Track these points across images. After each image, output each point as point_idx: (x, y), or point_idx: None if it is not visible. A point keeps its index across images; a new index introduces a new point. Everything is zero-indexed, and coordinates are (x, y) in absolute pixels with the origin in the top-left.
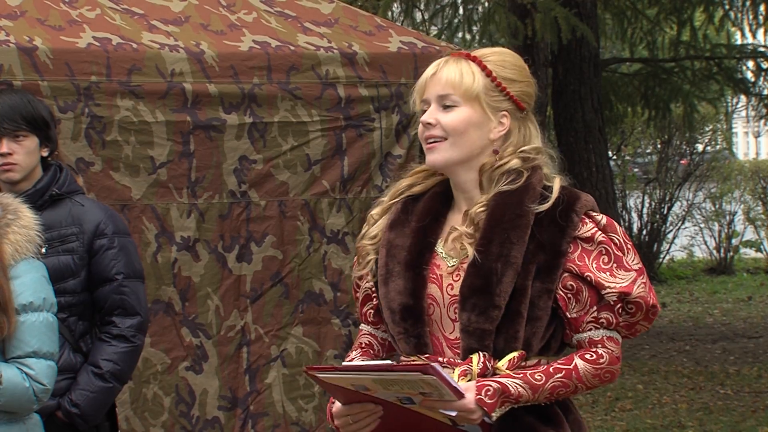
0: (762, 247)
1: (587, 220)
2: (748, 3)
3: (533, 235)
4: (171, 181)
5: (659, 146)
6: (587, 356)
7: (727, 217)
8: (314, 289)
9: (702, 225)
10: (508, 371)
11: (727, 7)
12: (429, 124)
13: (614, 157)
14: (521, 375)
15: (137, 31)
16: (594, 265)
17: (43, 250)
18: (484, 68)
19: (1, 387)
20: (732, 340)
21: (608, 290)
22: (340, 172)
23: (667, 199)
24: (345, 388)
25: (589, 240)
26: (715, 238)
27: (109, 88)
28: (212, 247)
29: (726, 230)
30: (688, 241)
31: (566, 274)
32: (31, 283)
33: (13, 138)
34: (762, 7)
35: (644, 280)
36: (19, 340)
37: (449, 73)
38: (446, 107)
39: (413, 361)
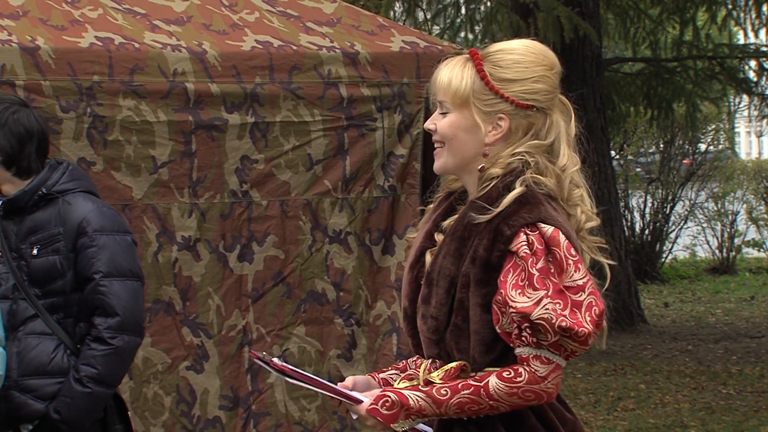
0: (765, 246)
1: (525, 233)
2: (750, 2)
3: (470, 247)
4: (172, 181)
5: (662, 146)
6: (504, 374)
7: (730, 217)
8: (317, 289)
9: (704, 224)
10: (437, 381)
11: (729, 6)
12: (430, 129)
13: (617, 156)
14: (427, 389)
15: (139, 30)
16: (512, 282)
17: (35, 251)
18: (479, 70)
19: None
20: (734, 340)
21: (511, 309)
22: (342, 172)
23: (670, 198)
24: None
25: (516, 254)
26: (717, 238)
27: (112, 87)
28: (213, 246)
29: (728, 230)
30: (690, 241)
31: (498, 288)
32: None
33: None
34: (765, 7)
35: (580, 299)
36: None
37: (441, 78)
38: (443, 112)
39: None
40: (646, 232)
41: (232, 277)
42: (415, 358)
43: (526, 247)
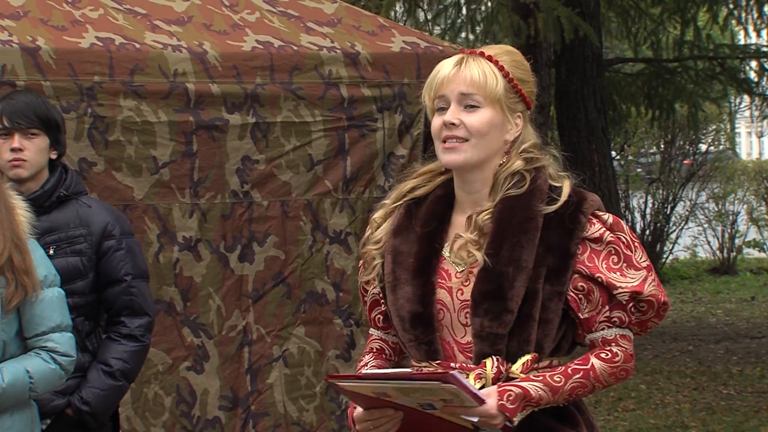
0: (765, 247)
1: (594, 221)
2: (752, 2)
3: (542, 237)
4: (173, 181)
5: (662, 146)
6: (603, 355)
7: (730, 217)
8: (316, 290)
9: (705, 225)
10: (526, 375)
11: (731, 6)
12: (452, 124)
13: (617, 157)
14: (541, 378)
15: (140, 31)
16: (604, 266)
17: (51, 251)
18: (501, 69)
19: (32, 382)
20: (735, 340)
21: (620, 290)
22: (342, 173)
23: (671, 199)
24: (366, 395)
25: (598, 240)
26: (718, 238)
27: (112, 88)
28: (214, 247)
29: (729, 230)
30: (691, 241)
31: (576, 276)
32: (40, 259)
33: (26, 135)
34: (767, 7)
35: (654, 278)
36: (41, 316)
37: (473, 72)
38: (469, 107)
39: (429, 369)
40: (647, 232)
41: (233, 278)
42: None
43: (608, 232)
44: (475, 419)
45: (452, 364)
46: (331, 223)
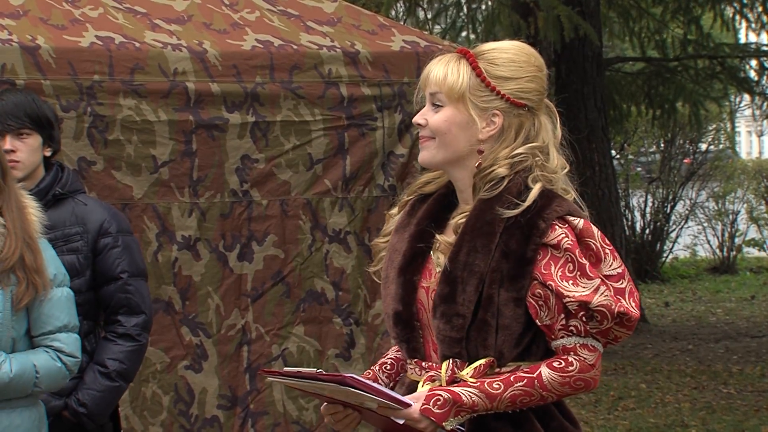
0: (765, 246)
1: (558, 226)
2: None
3: (500, 242)
4: (173, 181)
5: (662, 145)
6: (555, 364)
7: (730, 216)
8: (316, 289)
9: (705, 224)
10: (470, 380)
11: (736, 5)
12: (419, 124)
13: (617, 156)
14: (478, 384)
15: (140, 30)
16: (558, 273)
17: None
18: (475, 67)
19: (38, 377)
20: (735, 339)
21: (568, 299)
22: (342, 172)
23: (670, 198)
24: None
25: (557, 247)
26: (718, 237)
27: (112, 87)
28: (213, 246)
29: (729, 229)
30: (691, 240)
31: (535, 282)
32: (50, 258)
33: (17, 136)
34: None
35: (622, 286)
36: (48, 315)
37: (436, 72)
38: (435, 106)
39: (410, 368)
40: (647, 231)
41: (232, 277)
42: (389, 363)
43: (567, 238)
44: (401, 422)
45: (423, 363)
46: (331, 222)
